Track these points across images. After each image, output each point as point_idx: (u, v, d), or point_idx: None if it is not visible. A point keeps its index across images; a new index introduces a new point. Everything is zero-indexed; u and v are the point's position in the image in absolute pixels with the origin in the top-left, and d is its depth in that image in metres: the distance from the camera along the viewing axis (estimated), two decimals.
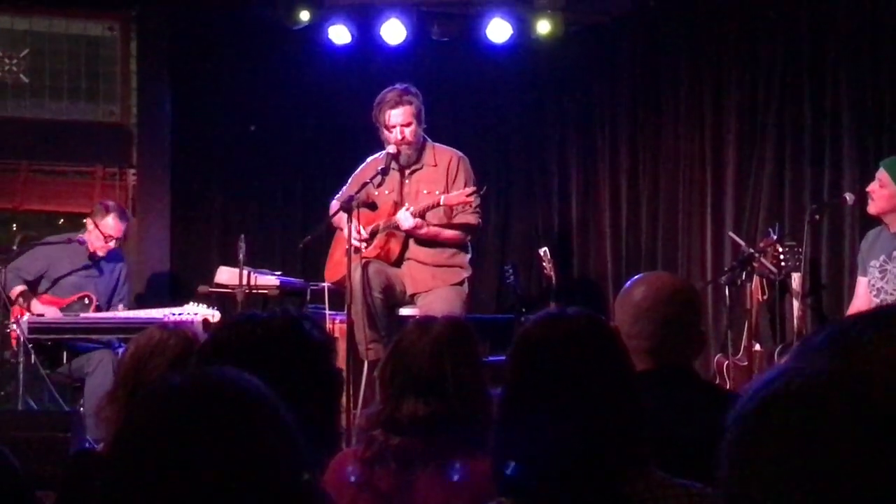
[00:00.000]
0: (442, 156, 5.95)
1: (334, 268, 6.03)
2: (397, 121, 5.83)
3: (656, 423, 1.97)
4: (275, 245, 7.76)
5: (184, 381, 1.19)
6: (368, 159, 6.12)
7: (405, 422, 2.61)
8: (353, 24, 7.25)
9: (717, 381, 5.75)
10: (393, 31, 7.19)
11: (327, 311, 5.85)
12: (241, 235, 6.01)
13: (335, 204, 6.02)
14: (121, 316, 6.25)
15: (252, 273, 6.09)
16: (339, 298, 5.83)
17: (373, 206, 5.85)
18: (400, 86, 5.93)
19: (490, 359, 2.83)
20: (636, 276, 2.80)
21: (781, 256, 5.85)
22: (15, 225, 7.77)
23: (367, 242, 5.85)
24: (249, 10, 7.62)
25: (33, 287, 6.41)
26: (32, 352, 5.87)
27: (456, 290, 5.88)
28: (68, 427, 4.98)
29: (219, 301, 6.28)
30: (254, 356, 1.83)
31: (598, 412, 1.87)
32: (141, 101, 7.80)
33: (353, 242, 5.45)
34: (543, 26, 7.14)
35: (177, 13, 7.72)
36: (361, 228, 5.64)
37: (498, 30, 7.23)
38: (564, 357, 1.91)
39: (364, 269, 5.63)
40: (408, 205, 5.83)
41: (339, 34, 7.26)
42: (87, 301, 6.34)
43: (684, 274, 6.92)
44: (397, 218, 5.80)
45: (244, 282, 5.95)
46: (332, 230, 6.17)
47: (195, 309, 6.01)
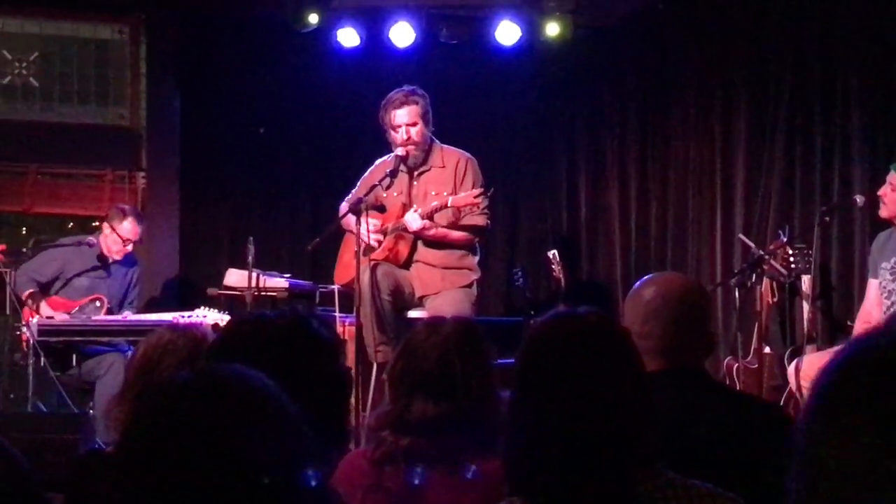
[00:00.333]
0: (450, 157, 5.95)
1: (343, 270, 6.03)
2: (402, 120, 5.83)
3: (667, 423, 1.96)
4: (283, 247, 7.76)
5: (192, 376, 1.19)
6: (377, 162, 6.12)
7: (414, 422, 2.60)
8: (361, 26, 7.24)
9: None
10: (401, 34, 7.19)
11: (337, 314, 5.84)
12: (250, 238, 6.01)
13: (344, 206, 6.02)
14: (131, 319, 6.25)
15: (261, 275, 6.10)
16: (348, 301, 5.82)
17: (381, 209, 5.85)
18: (406, 87, 5.94)
19: (499, 362, 2.81)
20: (646, 277, 2.79)
21: (791, 259, 5.83)
22: (24, 228, 7.78)
23: (378, 243, 5.85)
24: (258, 13, 7.63)
25: (46, 289, 6.42)
26: (42, 354, 5.88)
27: (465, 292, 5.88)
28: (77, 429, 4.99)
29: (228, 303, 6.29)
30: (263, 355, 1.82)
31: (608, 412, 1.86)
32: (150, 104, 7.82)
33: (368, 240, 5.45)
34: (552, 29, 7.12)
35: (186, 16, 7.73)
36: (367, 233, 5.63)
37: (507, 32, 7.21)
38: (575, 356, 1.90)
39: (373, 271, 5.63)
40: (416, 206, 5.83)
41: (348, 37, 7.25)
42: (98, 304, 6.35)
43: (694, 276, 6.88)
44: (405, 220, 5.79)
45: (253, 284, 5.96)
46: (341, 232, 6.17)
47: (205, 312, 6.02)
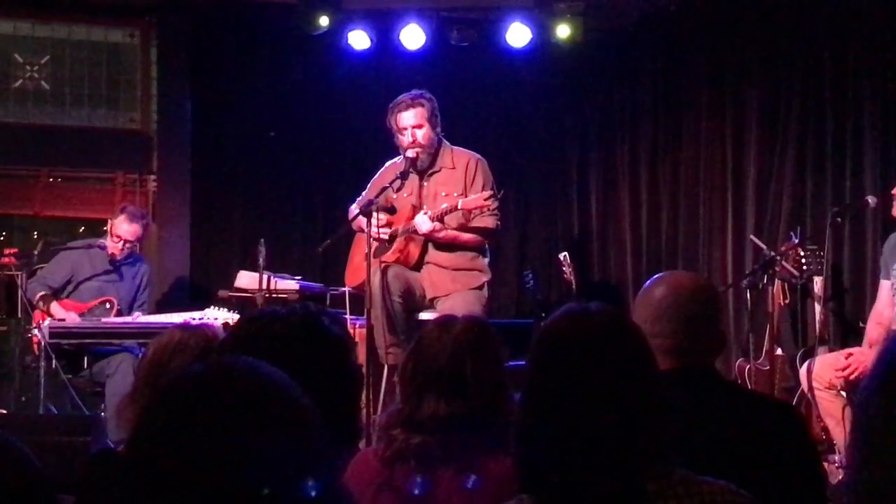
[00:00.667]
0: (460, 158, 5.95)
1: (354, 272, 6.03)
2: (408, 122, 5.84)
3: (679, 422, 1.95)
4: (294, 249, 7.77)
5: (205, 368, 1.19)
6: (387, 164, 6.12)
7: (425, 421, 2.60)
8: (372, 29, 7.24)
9: None
10: (412, 37, 7.18)
11: (348, 316, 5.84)
12: (261, 240, 6.02)
13: (354, 209, 6.02)
14: (141, 321, 6.26)
15: (272, 277, 6.11)
16: (359, 303, 5.82)
17: (392, 210, 5.85)
18: (413, 91, 5.94)
19: (510, 364, 2.80)
20: (656, 276, 2.78)
21: (803, 260, 5.81)
22: (36, 232, 7.80)
23: (387, 245, 5.85)
24: (269, 16, 7.64)
25: (57, 292, 6.43)
26: (54, 357, 5.89)
27: (476, 293, 5.87)
28: (89, 431, 4.98)
29: (238, 306, 6.29)
30: (274, 351, 1.82)
31: (619, 408, 1.84)
32: (161, 107, 7.83)
33: (378, 234, 5.46)
34: (563, 31, 7.11)
35: (197, 20, 7.75)
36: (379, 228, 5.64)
37: (517, 35, 7.20)
38: (586, 352, 1.89)
39: (383, 273, 5.63)
40: (426, 208, 5.83)
41: (359, 40, 7.25)
42: (108, 305, 6.36)
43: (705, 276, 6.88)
44: (415, 222, 5.79)
45: (264, 286, 5.97)
46: (351, 235, 6.18)
47: (215, 313, 6.02)
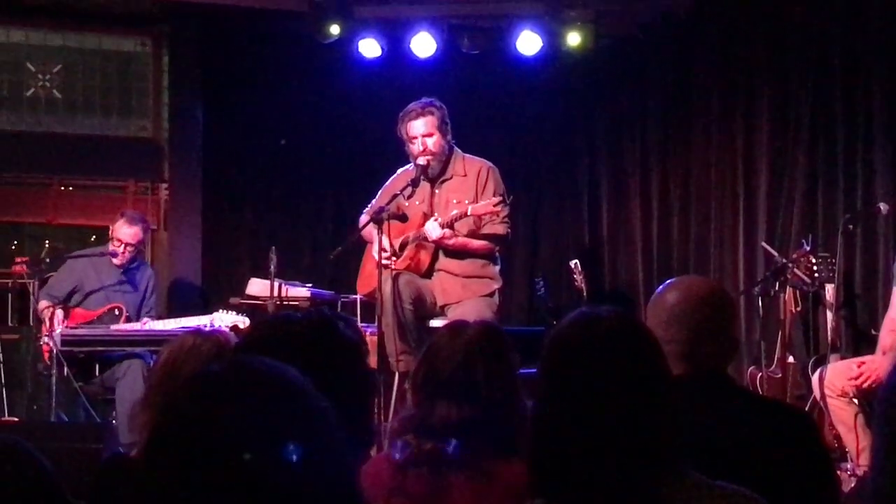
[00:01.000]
0: (471, 166, 5.95)
1: (365, 280, 6.04)
2: (418, 131, 5.84)
3: (691, 428, 1.95)
4: (305, 257, 7.78)
5: (223, 368, 1.19)
6: (398, 171, 6.12)
7: (438, 426, 2.60)
8: (383, 37, 7.26)
9: None
10: (423, 45, 7.21)
11: (359, 323, 5.84)
12: (272, 247, 6.03)
13: (364, 218, 6.03)
14: (151, 327, 6.26)
15: (283, 285, 6.11)
16: (370, 311, 5.83)
17: (403, 218, 5.85)
18: (423, 99, 5.95)
19: (521, 371, 2.80)
20: (668, 281, 2.77)
21: (815, 267, 5.79)
22: (47, 240, 7.81)
23: (397, 256, 5.84)
24: (280, 24, 7.66)
25: (65, 301, 6.44)
26: (65, 364, 5.90)
27: (486, 301, 5.87)
28: (101, 438, 4.98)
29: (250, 313, 6.30)
30: (288, 355, 1.82)
31: (632, 412, 1.84)
32: (172, 116, 7.86)
33: (380, 258, 5.45)
34: (573, 38, 7.12)
35: (208, 29, 7.78)
36: (387, 244, 5.61)
37: (528, 42, 7.22)
38: (598, 356, 1.89)
39: (394, 280, 5.63)
40: (436, 215, 5.83)
41: (370, 48, 7.27)
42: (116, 312, 6.37)
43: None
44: (425, 228, 5.80)
45: (275, 294, 5.97)
46: (362, 243, 6.18)
47: (224, 317, 6.02)
